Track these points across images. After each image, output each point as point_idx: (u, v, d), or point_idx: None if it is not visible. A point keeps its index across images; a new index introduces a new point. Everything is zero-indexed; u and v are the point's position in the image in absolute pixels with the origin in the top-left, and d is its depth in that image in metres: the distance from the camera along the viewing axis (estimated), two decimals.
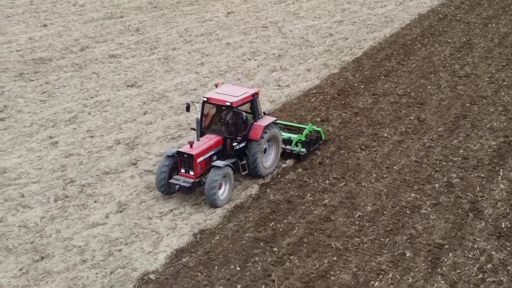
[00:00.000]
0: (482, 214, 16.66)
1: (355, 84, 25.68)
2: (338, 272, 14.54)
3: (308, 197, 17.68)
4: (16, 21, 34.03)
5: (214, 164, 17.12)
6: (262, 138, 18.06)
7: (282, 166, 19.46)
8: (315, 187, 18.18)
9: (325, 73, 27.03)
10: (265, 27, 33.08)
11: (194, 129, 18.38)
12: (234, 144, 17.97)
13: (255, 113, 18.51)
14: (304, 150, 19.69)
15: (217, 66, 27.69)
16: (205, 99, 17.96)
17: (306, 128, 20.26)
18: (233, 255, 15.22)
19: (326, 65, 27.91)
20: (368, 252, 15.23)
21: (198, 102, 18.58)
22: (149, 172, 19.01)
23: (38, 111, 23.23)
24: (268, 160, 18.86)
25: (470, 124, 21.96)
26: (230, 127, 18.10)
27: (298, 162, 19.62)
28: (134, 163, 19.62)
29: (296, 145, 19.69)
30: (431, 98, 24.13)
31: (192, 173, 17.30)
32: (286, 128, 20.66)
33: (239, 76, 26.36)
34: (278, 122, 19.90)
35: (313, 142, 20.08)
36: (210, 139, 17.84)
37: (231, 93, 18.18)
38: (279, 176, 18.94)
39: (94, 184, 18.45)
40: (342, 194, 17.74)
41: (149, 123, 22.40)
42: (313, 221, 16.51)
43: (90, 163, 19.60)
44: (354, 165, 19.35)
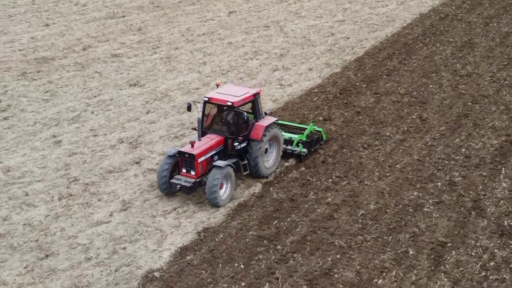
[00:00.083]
0: (485, 212, 16.71)
1: (357, 83, 25.74)
2: (341, 270, 14.60)
3: (311, 195, 17.74)
4: (18, 20, 34.14)
5: (215, 164, 17.15)
6: (263, 138, 18.11)
7: (285, 164, 19.52)
8: (318, 186, 18.23)
9: (327, 72, 27.09)
10: (267, 27, 33.14)
11: (195, 129, 18.42)
12: (235, 144, 17.97)
13: (256, 113, 18.53)
14: (305, 150, 19.73)
15: (219, 66, 27.76)
16: (206, 99, 17.97)
17: (307, 128, 20.29)
18: (237, 253, 15.28)
19: (328, 64, 27.97)
20: (371, 250, 15.29)
21: (199, 102, 18.62)
22: (152, 170, 19.07)
23: (41, 110, 23.29)
24: (269, 160, 18.89)
25: (472, 123, 22.01)
26: (231, 127, 18.11)
27: (300, 161, 19.69)
28: (137, 162, 19.68)
29: (297, 145, 19.75)
30: (433, 97, 24.18)
31: (193, 173, 17.33)
32: (286, 128, 20.64)
33: (241, 75, 26.43)
34: (279, 122, 19.88)
35: (314, 142, 20.12)
36: (211, 139, 17.86)
37: (232, 93, 18.19)
38: (282, 174, 19.00)
39: (98, 182, 18.52)
40: (345, 193, 17.80)
41: (152, 122, 22.47)
42: (316, 219, 16.58)
43: (94, 162, 19.66)
44: (357, 163, 19.41)
